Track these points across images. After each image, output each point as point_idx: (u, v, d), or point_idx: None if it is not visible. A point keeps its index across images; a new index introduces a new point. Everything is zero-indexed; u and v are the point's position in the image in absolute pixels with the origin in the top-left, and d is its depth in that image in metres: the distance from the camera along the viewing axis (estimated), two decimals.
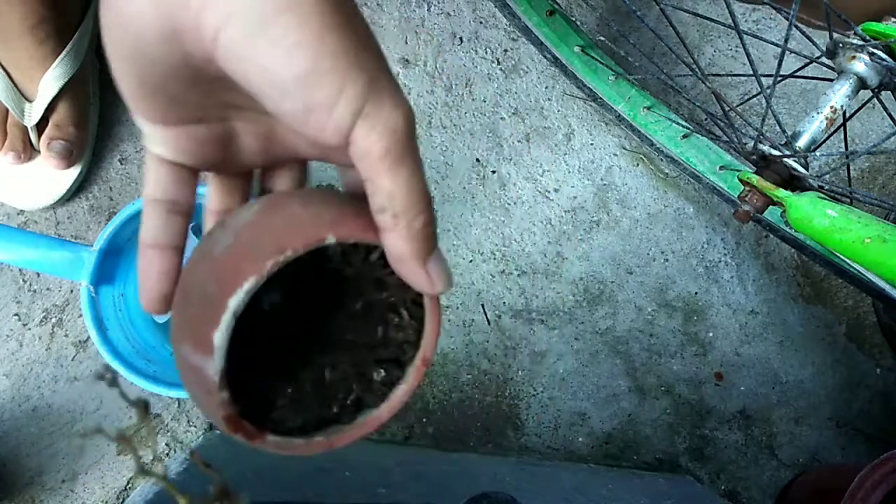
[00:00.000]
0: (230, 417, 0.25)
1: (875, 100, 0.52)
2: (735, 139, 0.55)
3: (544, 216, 0.78)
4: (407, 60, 0.77)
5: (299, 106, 0.22)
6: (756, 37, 0.53)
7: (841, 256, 0.44)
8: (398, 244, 0.24)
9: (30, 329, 0.71)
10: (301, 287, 0.27)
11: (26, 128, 0.67)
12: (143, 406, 0.25)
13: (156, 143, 0.27)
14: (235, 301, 0.23)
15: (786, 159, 0.51)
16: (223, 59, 0.22)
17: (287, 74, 0.22)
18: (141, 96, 0.25)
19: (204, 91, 0.25)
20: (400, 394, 0.29)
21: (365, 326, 0.29)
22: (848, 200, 0.54)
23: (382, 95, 0.23)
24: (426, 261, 0.25)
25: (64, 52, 0.65)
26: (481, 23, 0.78)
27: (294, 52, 0.21)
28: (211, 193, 0.31)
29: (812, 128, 0.51)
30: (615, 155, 0.79)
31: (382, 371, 0.29)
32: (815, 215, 0.45)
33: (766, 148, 0.52)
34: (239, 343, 0.24)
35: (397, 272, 0.25)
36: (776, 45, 0.51)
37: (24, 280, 0.72)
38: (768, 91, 0.49)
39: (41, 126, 0.67)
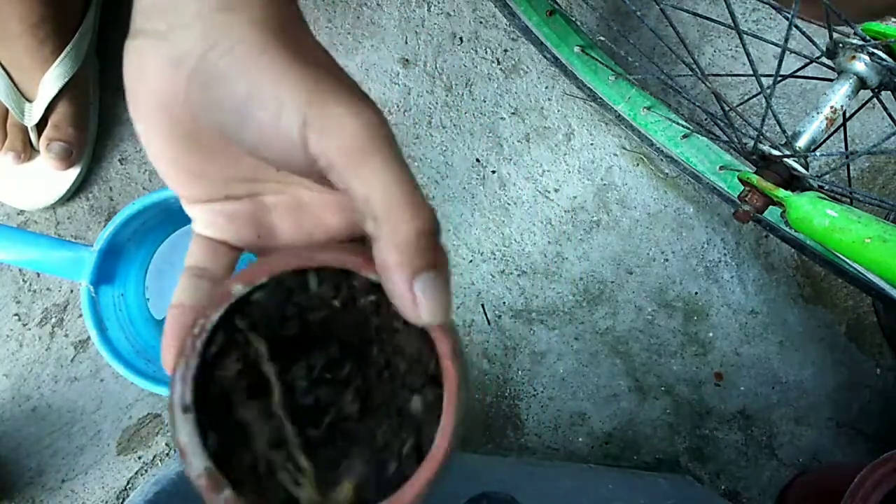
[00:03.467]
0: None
1: (875, 100, 0.52)
2: (735, 139, 0.55)
3: (544, 216, 0.78)
4: (407, 60, 0.77)
5: (255, 134, 0.23)
6: (756, 37, 0.53)
7: (841, 256, 0.44)
8: (379, 253, 0.22)
9: (30, 329, 0.71)
10: (323, 341, 0.24)
11: (26, 128, 0.67)
12: None
13: (193, 220, 0.28)
14: (211, 321, 0.23)
15: (786, 159, 0.51)
16: (198, 114, 0.24)
17: (232, 105, 0.23)
18: (169, 173, 0.26)
19: (220, 163, 0.26)
20: (402, 496, 0.22)
21: (388, 393, 0.24)
22: (848, 200, 0.54)
23: (327, 100, 0.22)
24: (413, 277, 0.22)
25: (64, 53, 0.65)
26: (481, 23, 0.78)
27: (233, 82, 0.23)
28: None
29: (812, 128, 0.51)
30: (615, 155, 0.79)
31: (392, 463, 0.23)
32: (815, 215, 0.45)
33: (766, 148, 0.52)
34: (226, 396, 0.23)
35: (387, 292, 0.22)
36: (776, 45, 0.51)
37: (24, 280, 0.72)
38: (768, 91, 0.49)
39: (41, 126, 0.67)
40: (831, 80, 0.51)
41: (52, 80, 0.65)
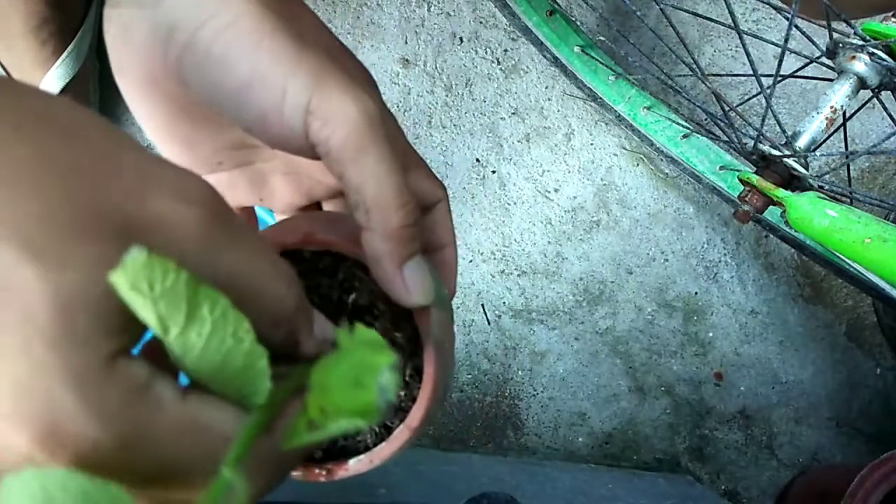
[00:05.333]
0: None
1: (875, 100, 0.52)
2: (735, 139, 0.55)
3: (544, 216, 0.78)
4: (407, 60, 0.77)
5: (254, 117, 0.23)
6: (756, 37, 0.53)
7: (841, 256, 0.44)
8: (370, 242, 0.23)
9: None
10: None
11: None
12: None
13: None
14: None
15: (786, 159, 0.51)
16: (191, 91, 0.24)
17: (232, 87, 0.23)
18: (159, 142, 0.27)
19: (210, 131, 0.26)
20: (378, 452, 0.25)
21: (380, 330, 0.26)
22: (848, 200, 0.54)
23: (330, 88, 0.22)
24: (401, 265, 0.23)
25: (65, 54, 0.65)
26: (481, 23, 0.78)
27: (234, 65, 0.22)
28: None
29: (812, 128, 0.51)
30: (615, 155, 0.79)
31: (402, 390, 0.26)
32: (815, 215, 0.45)
33: (766, 148, 0.52)
34: None
35: (375, 277, 0.24)
36: (776, 45, 0.51)
37: None
38: (768, 91, 0.49)
39: None
40: (831, 80, 0.51)
41: (52, 81, 0.65)
